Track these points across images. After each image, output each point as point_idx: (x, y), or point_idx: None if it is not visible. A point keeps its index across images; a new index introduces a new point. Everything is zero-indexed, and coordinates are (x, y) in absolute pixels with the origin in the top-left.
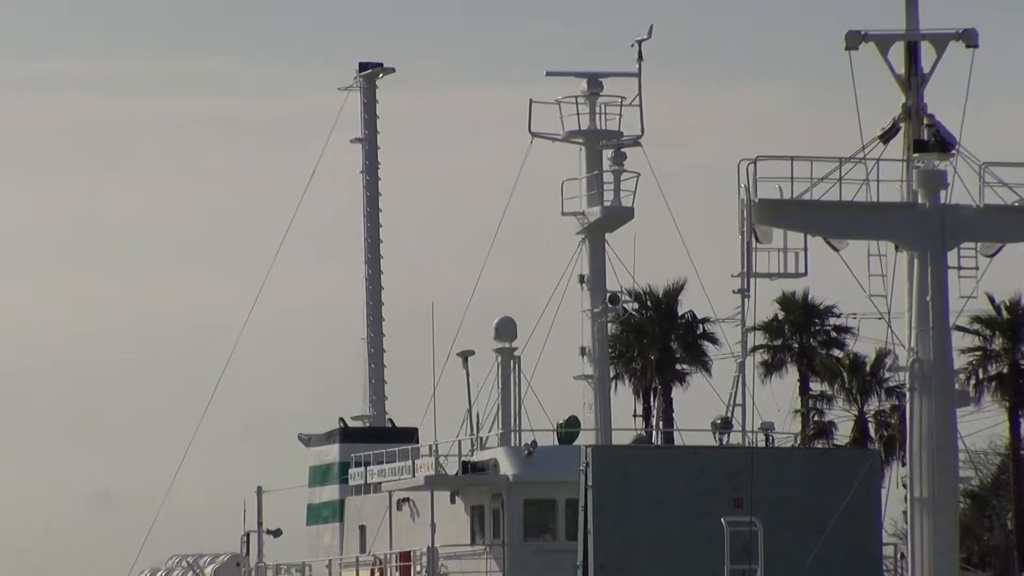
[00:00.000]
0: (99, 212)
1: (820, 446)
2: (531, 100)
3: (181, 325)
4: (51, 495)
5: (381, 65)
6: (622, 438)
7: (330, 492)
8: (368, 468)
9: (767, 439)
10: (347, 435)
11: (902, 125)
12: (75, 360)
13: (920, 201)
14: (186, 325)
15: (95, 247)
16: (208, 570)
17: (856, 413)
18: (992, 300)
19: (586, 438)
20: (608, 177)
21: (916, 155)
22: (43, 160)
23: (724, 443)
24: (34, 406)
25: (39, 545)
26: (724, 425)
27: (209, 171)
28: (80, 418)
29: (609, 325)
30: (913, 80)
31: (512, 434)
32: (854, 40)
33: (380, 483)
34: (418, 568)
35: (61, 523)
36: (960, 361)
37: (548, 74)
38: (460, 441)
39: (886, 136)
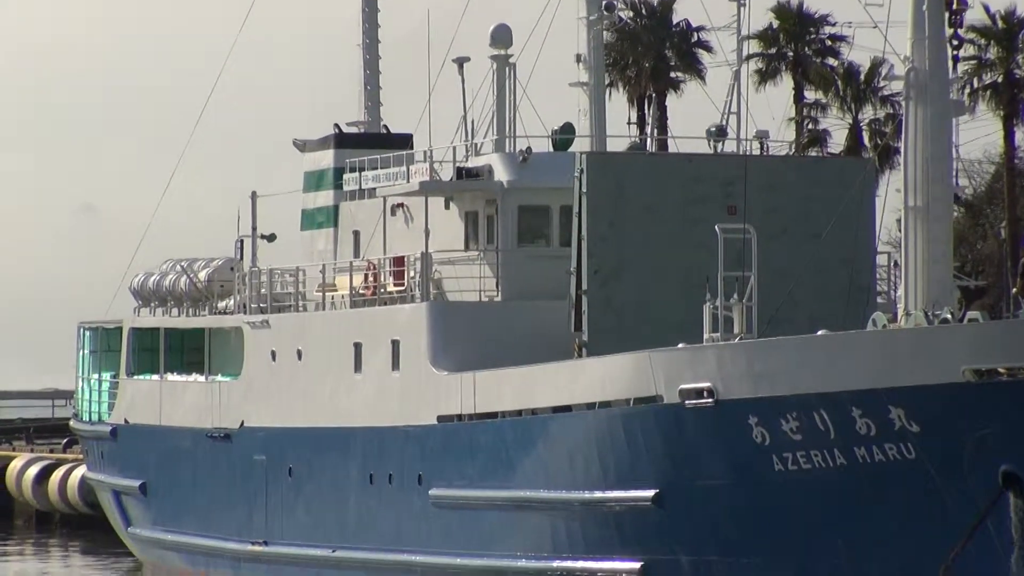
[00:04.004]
0: None
1: (814, 154)
2: None
3: (176, 33)
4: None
5: None
6: (617, 146)
7: (324, 198)
8: (363, 174)
9: (761, 147)
10: (342, 141)
11: None
12: (67, 68)
13: None
14: (181, 33)
15: None
16: (202, 274)
17: (850, 122)
18: (987, 9)
19: (581, 145)
20: None
21: None
22: None
23: (719, 151)
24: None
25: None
26: (719, 133)
27: None
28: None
29: (604, 33)
30: None
31: (507, 140)
32: None
33: (374, 188)
34: (412, 273)
35: (49, 235)
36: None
37: None
38: (455, 147)
39: None
